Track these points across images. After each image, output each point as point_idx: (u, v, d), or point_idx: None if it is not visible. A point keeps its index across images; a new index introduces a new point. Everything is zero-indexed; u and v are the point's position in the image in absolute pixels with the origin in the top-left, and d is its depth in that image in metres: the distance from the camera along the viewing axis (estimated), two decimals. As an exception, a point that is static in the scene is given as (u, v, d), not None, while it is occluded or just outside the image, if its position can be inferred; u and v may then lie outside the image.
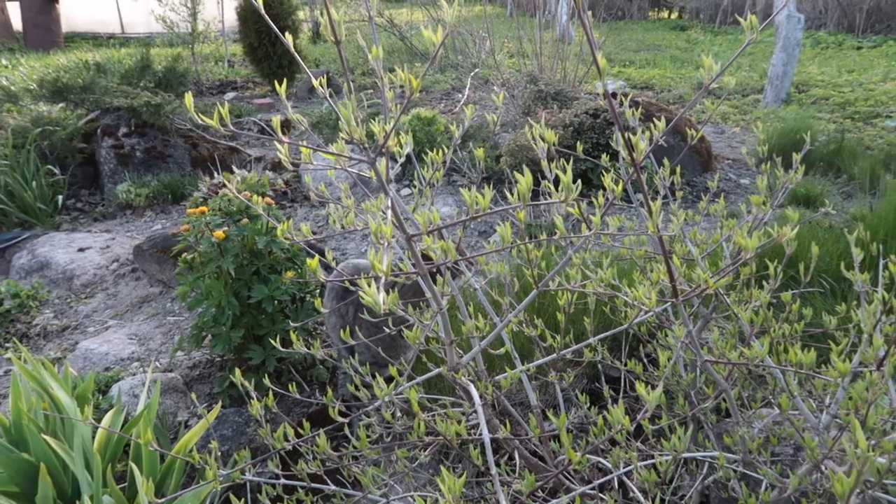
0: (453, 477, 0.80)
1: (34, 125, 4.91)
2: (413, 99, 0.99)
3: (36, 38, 12.41)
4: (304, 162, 1.19)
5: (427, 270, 1.21)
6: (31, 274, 3.79)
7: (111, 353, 2.91)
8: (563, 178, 0.86)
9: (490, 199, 1.06)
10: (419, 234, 1.05)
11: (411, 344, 1.19)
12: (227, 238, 2.48)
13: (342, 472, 1.93)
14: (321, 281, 1.12)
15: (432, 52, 0.99)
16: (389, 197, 1.08)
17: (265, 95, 7.82)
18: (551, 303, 2.48)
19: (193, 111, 0.99)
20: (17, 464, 1.75)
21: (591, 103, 4.44)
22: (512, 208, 0.97)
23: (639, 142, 1.04)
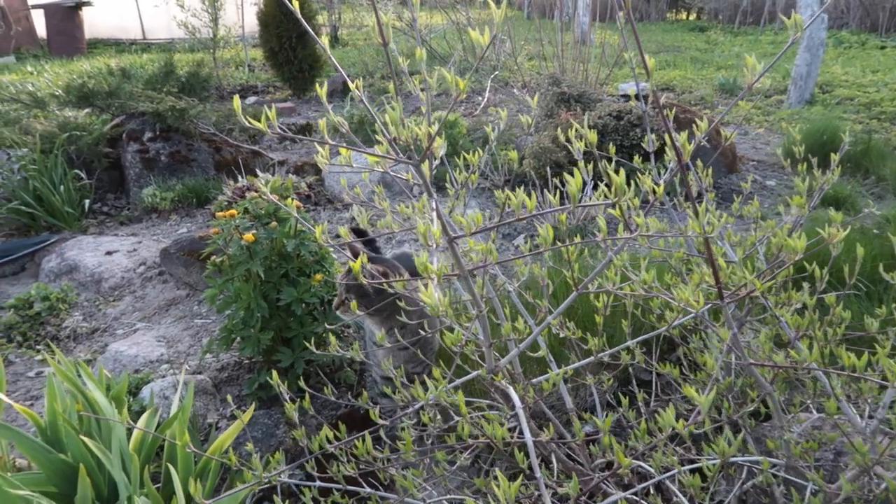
0: (506, 480, 0.79)
1: (61, 130, 4.98)
2: (458, 100, 0.98)
3: (60, 44, 12.59)
4: (341, 164, 1.19)
5: (467, 272, 1.21)
6: (60, 277, 3.83)
7: (140, 355, 2.94)
8: (616, 179, 0.85)
9: (503, 206, 1.06)
10: (463, 236, 1.05)
11: (451, 346, 1.18)
12: (257, 241, 2.49)
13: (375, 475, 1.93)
14: (363, 282, 1.12)
15: (452, 56, 0.99)
16: (434, 198, 1.07)
17: (286, 99, 7.87)
18: (580, 305, 2.46)
19: (241, 114, 1.00)
20: (55, 464, 1.77)
21: (615, 105, 4.42)
22: (560, 210, 0.96)
23: (686, 142, 1.03)
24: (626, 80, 7.70)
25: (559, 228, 3.54)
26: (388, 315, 2.01)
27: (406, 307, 1.63)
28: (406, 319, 1.58)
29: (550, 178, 3.82)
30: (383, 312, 2.00)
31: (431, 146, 1.00)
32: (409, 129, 0.97)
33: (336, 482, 1.51)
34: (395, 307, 1.97)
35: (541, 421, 2.03)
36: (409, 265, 2.29)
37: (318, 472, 1.53)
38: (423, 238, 0.91)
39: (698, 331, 1.99)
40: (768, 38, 13.74)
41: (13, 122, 5.35)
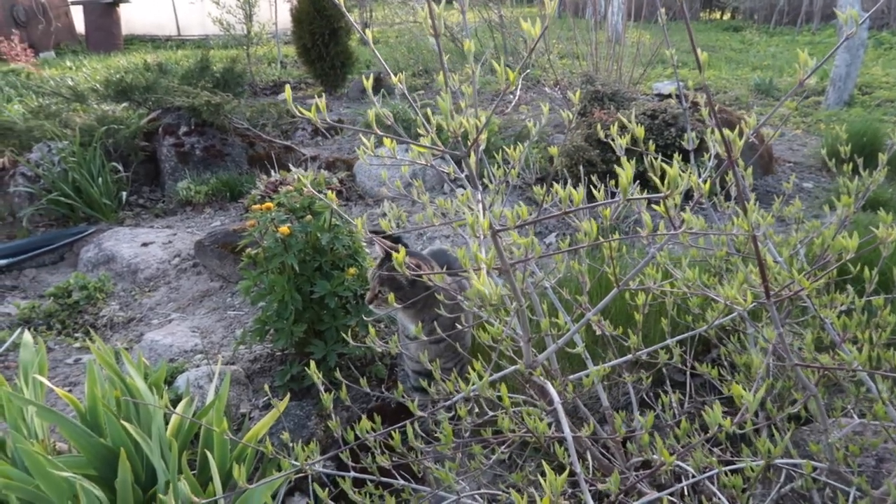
0: (553, 472, 0.79)
1: (100, 124, 5.08)
2: (508, 92, 0.98)
3: (97, 40, 12.84)
4: (381, 156, 1.19)
5: (509, 266, 1.20)
6: (97, 267, 3.91)
7: (175, 345, 2.99)
8: (670, 172, 0.84)
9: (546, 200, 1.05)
10: (507, 228, 1.05)
11: (489, 341, 1.18)
12: (292, 234, 2.52)
13: (408, 468, 1.94)
14: (406, 274, 1.13)
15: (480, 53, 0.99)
16: (479, 189, 1.07)
17: (318, 96, 7.92)
18: (614, 303, 2.44)
19: (291, 104, 1.01)
20: (96, 448, 1.81)
21: (649, 104, 4.37)
22: (609, 203, 0.96)
23: (736, 139, 1.02)
24: (659, 80, 7.63)
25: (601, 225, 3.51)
26: (421, 307, 2.02)
27: (442, 300, 1.63)
28: (441, 311, 1.58)
29: (583, 176, 3.80)
30: (417, 305, 2.01)
31: (479, 138, 1.00)
32: (458, 121, 0.97)
33: (368, 473, 1.52)
34: (430, 300, 1.98)
35: (573, 419, 2.02)
36: (444, 261, 2.29)
37: (351, 463, 1.54)
38: (471, 229, 0.91)
39: (736, 332, 1.96)
40: (805, 38, 13.49)
41: (54, 115, 5.47)
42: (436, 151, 1.03)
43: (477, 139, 1.00)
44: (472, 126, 1.04)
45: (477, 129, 1.02)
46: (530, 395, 1.66)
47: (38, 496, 1.66)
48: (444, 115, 0.94)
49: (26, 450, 1.62)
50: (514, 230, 1.08)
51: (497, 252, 1.17)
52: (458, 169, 1.73)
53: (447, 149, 1.03)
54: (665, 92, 5.18)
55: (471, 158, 1.05)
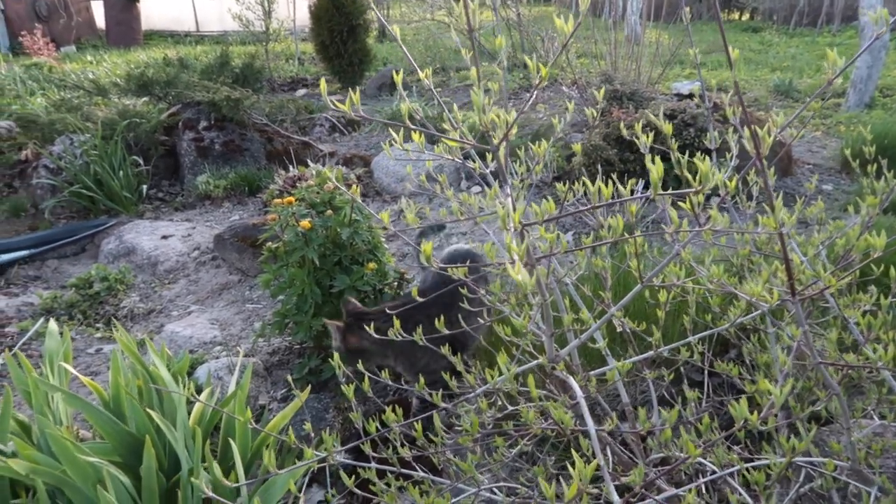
0: (582, 461, 0.80)
1: (121, 118, 5.14)
2: (540, 86, 0.99)
3: (118, 35, 12.96)
4: (407, 150, 1.21)
5: (535, 261, 1.22)
6: (118, 259, 3.96)
7: (195, 336, 3.02)
8: (702, 167, 0.85)
9: (563, 199, 1.06)
10: (536, 223, 1.06)
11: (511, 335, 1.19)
12: (312, 228, 2.54)
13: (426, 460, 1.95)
14: (432, 267, 1.14)
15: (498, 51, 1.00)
16: (508, 183, 1.09)
17: (335, 92, 7.97)
18: (632, 301, 2.44)
19: (327, 97, 1.02)
20: (120, 436, 1.84)
21: (668, 104, 4.36)
22: (638, 198, 0.97)
23: (766, 135, 1.02)
24: (677, 80, 7.59)
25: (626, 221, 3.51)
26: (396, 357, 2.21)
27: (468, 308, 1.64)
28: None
29: (601, 175, 3.80)
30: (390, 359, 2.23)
31: (510, 132, 1.01)
32: (490, 115, 0.98)
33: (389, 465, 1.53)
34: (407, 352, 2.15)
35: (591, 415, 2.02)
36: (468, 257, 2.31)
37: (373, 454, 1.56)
38: (502, 222, 0.92)
39: (756, 331, 1.96)
40: (825, 39, 13.36)
41: (76, 109, 5.54)
42: (465, 146, 1.04)
43: (507, 133, 1.01)
44: (503, 121, 1.05)
45: (507, 124, 1.03)
46: (549, 390, 1.67)
47: (64, 481, 1.69)
48: (477, 109, 0.95)
49: (54, 435, 1.65)
50: (542, 225, 1.09)
51: (525, 247, 1.18)
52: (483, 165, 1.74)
53: (476, 143, 1.04)
54: (684, 92, 5.16)
55: (500, 152, 1.06)
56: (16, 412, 2.03)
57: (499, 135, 1.03)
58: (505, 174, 1.06)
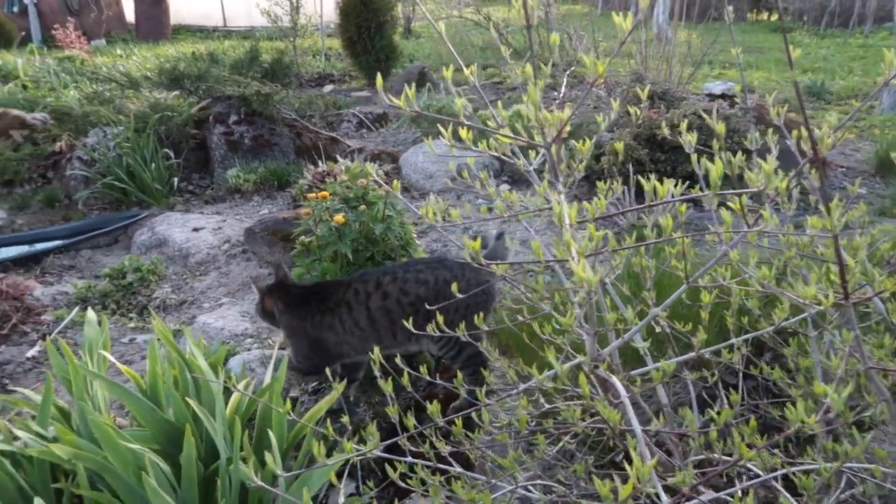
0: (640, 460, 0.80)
1: (153, 111, 5.20)
2: (596, 84, 0.99)
3: (147, 29, 13.13)
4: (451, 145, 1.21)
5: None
6: (150, 250, 4.02)
7: (226, 328, 3.06)
8: (765, 167, 0.84)
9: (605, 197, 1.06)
10: (590, 220, 1.06)
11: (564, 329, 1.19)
12: (346, 223, 2.56)
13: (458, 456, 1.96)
14: (482, 264, 1.14)
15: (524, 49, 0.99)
16: (559, 182, 1.09)
17: (362, 88, 8.00)
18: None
19: (383, 93, 1.03)
20: (160, 424, 1.86)
21: (699, 104, 4.32)
22: (700, 197, 0.96)
23: (824, 137, 1.01)
24: (706, 80, 7.51)
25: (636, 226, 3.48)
26: (289, 335, 2.38)
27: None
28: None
29: (632, 174, 3.78)
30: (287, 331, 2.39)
31: (563, 129, 1.01)
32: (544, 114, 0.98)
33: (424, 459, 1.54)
34: (291, 331, 2.36)
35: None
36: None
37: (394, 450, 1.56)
38: (557, 219, 0.92)
39: (795, 334, 1.94)
40: (857, 41, 13.14)
41: (108, 102, 5.63)
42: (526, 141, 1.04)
43: (561, 130, 1.01)
44: (556, 119, 1.05)
45: (562, 123, 1.03)
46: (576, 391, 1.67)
47: (105, 467, 1.72)
48: (534, 105, 0.95)
49: (97, 422, 1.68)
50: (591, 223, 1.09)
51: (567, 245, 1.18)
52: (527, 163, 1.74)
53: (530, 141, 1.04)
54: (716, 92, 5.11)
55: (553, 150, 1.06)
56: (56, 398, 2.07)
57: (551, 132, 1.03)
58: (557, 172, 1.06)
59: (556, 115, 1.01)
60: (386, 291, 2.18)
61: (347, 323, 2.21)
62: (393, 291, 2.18)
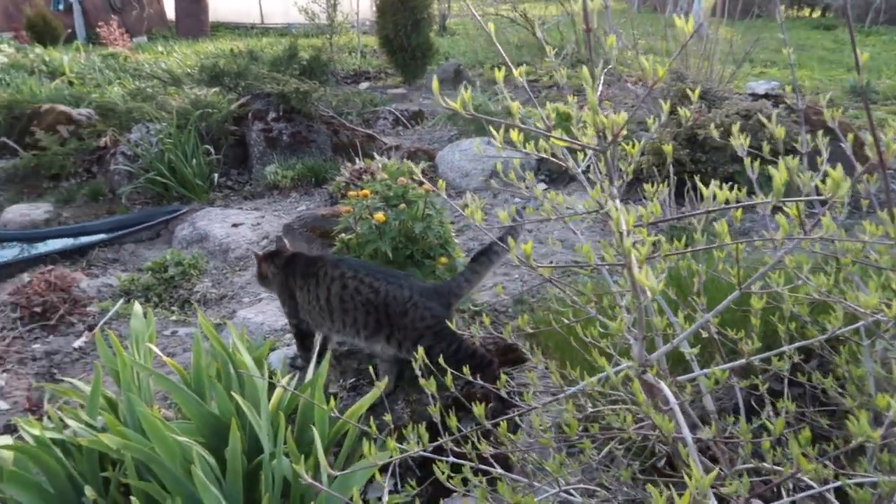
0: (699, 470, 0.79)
1: (194, 107, 5.29)
2: (655, 88, 0.98)
3: (187, 26, 13.36)
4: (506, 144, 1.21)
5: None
6: (191, 245, 4.09)
7: (266, 323, 3.10)
8: (834, 175, 0.83)
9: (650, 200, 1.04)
10: (648, 224, 1.04)
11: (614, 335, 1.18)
12: (386, 221, 2.57)
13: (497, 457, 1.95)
14: (533, 267, 1.14)
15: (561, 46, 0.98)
16: (614, 185, 1.08)
17: (398, 86, 8.03)
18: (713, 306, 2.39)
19: (438, 94, 1.03)
20: (205, 417, 1.90)
21: (742, 104, 4.25)
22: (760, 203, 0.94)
23: (890, 143, 0.98)
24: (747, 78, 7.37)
25: (675, 227, 3.43)
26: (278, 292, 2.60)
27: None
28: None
29: (672, 175, 3.73)
30: (274, 290, 2.64)
31: (620, 133, 1.00)
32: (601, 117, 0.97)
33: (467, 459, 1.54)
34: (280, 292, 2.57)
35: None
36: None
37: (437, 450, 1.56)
38: (615, 223, 0.92)
39: (844, 342, 1.89)
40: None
41: (150, 98, 5.74)
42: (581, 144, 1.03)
43: (619, 134, 1.00)
44: (611, 122, 1.04)
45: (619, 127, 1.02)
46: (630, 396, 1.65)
47: (152, 458, 1.76)
48: (592, 108, 0.94)
49: (145, 413, 1.72)
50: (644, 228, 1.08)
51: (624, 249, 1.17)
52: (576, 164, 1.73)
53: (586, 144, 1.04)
54: (759, 91, 5.01)
55: (609, 152, 1.05)
56: (104, 389, 2.13)
57: (608, 135, 1.02)
58: (613, 175, 1.05)
59: (612, 118, 1.00)
60: (345, 283, 2.31)
61: (311, 295, 2.40)
62: (350, 286, 2.30)
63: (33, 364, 2.90)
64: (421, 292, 2.23)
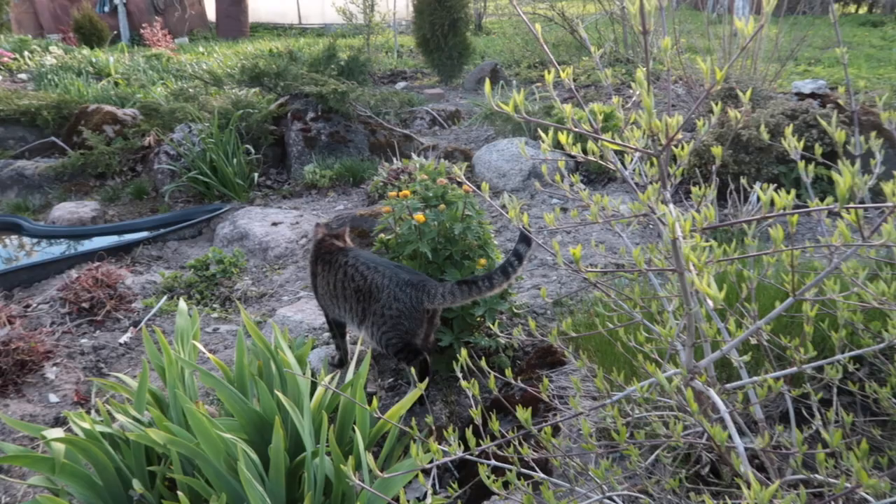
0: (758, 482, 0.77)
1: (234, 108, 5.37)
2: (713, 92, 0.96)
3: (227, 27, 13.58)
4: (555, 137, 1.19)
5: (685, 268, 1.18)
6: (231, 243, 4.16)
7: (305, 321, 3.13)
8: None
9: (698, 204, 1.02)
10: (704, 229, 1.02)
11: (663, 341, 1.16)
12: (425, 222, 2.57)
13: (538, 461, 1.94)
14: (582, 271, 1.13)
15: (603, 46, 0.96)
16: (667, 189, 1.06)
17: (434, 86, 8.04)
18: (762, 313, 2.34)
19: (491, 99, 1.02)
20: (248, 414, 1.92)
21: (788, 104, 4.15)
22: (825, 209, 0.92)
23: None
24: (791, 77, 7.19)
25: (717, 230, 3.37)
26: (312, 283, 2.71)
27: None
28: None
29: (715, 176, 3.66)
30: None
31: (675, 136, 0.98)
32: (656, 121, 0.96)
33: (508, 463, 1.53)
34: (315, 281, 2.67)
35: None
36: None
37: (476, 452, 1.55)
38: (670, 229, 0.90)
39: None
40: (957, 35, 12.31)
41: (192, 98, 5.84)
42: (635, 148, 1.02)
43: (673, 138, 0.98)
44: (663, 125, 1.03)
45: (670, 129, 1.00)
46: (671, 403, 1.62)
47: (197, 453, 1.79)
48: (648, 112, 0.93)
49: (192, 410, 1.75)
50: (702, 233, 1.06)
51: (675, 254, 1.15)
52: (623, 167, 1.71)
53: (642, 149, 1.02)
54: (806, 91, 4.89)
55: (662, 157, 1.03)
56: (150, 384, 2.17)
57: (662, 138, 1.00)
58: (666, 180, 1.03)
59: (667, 121, 0.98)
60: (346, 271, 2.47)
61: (323, 276, 2.58)
62: (348, 273, 2.46)
63: (81, 358, 2.98)
64: (398, 284, 2.35)
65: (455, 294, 2.28)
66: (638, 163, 1.72)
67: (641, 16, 0.92)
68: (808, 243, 1.65)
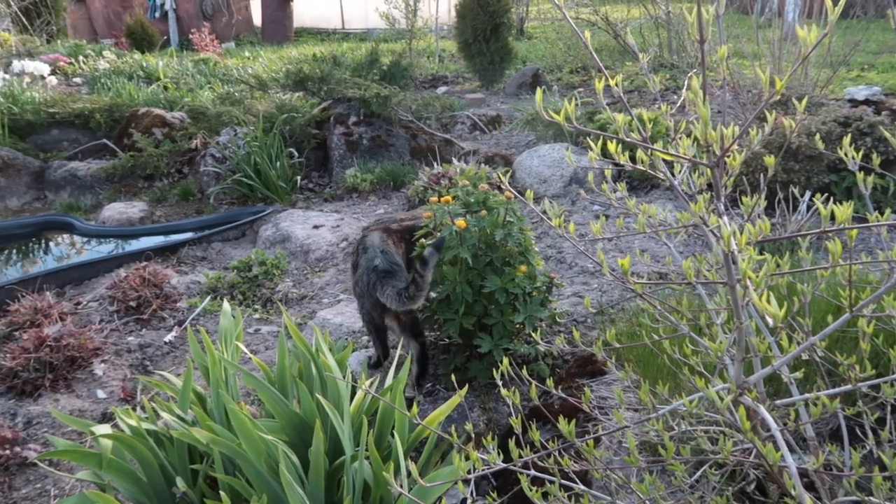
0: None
1: (279, 111, 5.46)
2: (771, 100, 0.94)
3: (272, 32, 13.82)
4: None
5: (736, 281, 1.15)
6: (274, 245, 4.21)
7: (344, 324, 3.15)
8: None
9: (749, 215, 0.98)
10: (752, 244, 1.00)
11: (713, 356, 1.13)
12: (466, 228, 2.56)
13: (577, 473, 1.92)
14: (630, 283, 1.11)
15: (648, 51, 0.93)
16: (721, 201, 1.03)
17: (475, 90, 8.04)
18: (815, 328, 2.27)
19: (541, 108, 1.02)
20: (289, 416, 1.94)
21: (840, 111, 4.02)
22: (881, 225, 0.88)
23: None
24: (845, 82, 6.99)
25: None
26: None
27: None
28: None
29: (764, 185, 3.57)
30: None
31: (730, 147, 0.96)
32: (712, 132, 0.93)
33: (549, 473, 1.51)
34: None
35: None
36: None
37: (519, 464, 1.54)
38: (724, 241, 0.88)
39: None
40: None
41: (238, 102, 5.95)
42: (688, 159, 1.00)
43: (729, 148, 0.96)
44: (718, 135, 1.00)
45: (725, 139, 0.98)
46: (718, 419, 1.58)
47: (238, 453, 1.81)
48: (704, 122, 0.91)
49: (235, 410, 1.78)
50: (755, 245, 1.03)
51: (727, 266, 1.12)
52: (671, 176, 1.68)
53: (692, 159, 1.00)
54: (859, 97, 4.74)
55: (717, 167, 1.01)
56: (194, 383, 2.21)
57: (717, 149, 0.98)
58: (720, 191, 1.01)
59: (722, 131, 0.96)
60: (357, 260, 2.67)
61: (354, 260, 2.72)
62: (359, 261, 2.65)
63: (128, 356, 3.05)
64: (367, 268, 2.56)
65: (392, 298, 2.45)
66: (686, 173, 1.68)
67: (699, 24, 0.90)
68: (864, 255, 1.59)
